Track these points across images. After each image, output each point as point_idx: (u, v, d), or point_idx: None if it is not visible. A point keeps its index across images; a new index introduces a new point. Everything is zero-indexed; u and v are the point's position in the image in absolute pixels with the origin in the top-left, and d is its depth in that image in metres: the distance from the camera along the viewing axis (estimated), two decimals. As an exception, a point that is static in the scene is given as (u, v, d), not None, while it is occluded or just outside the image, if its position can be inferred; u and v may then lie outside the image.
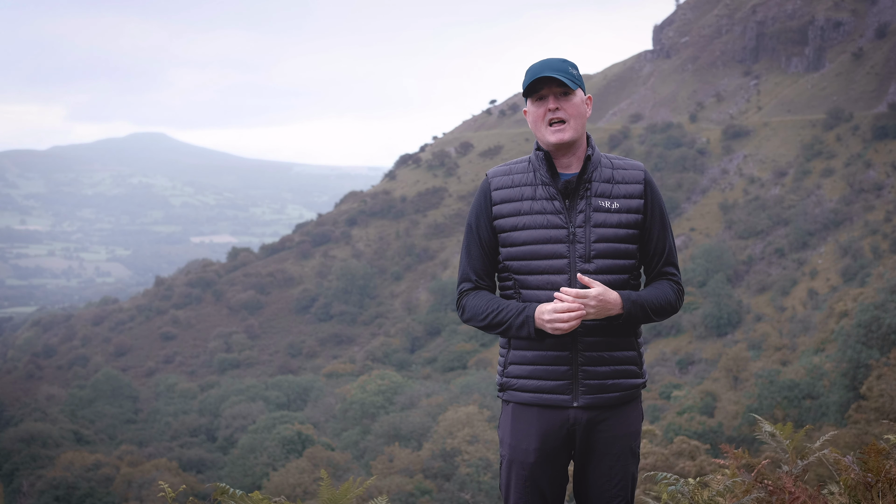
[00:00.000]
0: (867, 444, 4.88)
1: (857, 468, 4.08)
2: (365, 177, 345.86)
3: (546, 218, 3.31)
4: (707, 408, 36.26)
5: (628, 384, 3.37)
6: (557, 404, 3.32)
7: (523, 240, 3.33)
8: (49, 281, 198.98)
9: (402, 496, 29.76)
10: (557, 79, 3.27)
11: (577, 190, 3.32)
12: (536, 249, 3.31)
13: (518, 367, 3.39)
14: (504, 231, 3.37)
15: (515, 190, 3.37)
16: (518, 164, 3.44)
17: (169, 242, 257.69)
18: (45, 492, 37.76)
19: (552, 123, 3.31)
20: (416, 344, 73.58)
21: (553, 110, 3.29)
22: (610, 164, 3.39)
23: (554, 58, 3.34)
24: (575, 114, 3.30)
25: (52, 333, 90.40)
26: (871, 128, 76.84)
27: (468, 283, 3.46)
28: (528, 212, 3.33)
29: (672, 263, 3.44)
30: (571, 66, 3.32)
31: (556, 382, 3.32)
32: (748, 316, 61.45)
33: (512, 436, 3.41)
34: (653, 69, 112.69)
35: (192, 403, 61.01)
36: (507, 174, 3.42)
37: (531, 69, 3.32)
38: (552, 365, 3.32)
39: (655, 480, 4.42)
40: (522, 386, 3.37)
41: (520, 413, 3.39)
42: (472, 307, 3.41)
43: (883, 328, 27.68)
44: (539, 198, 3.34)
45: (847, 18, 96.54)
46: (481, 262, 3.44)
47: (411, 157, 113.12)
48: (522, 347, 3.36)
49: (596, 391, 3.32)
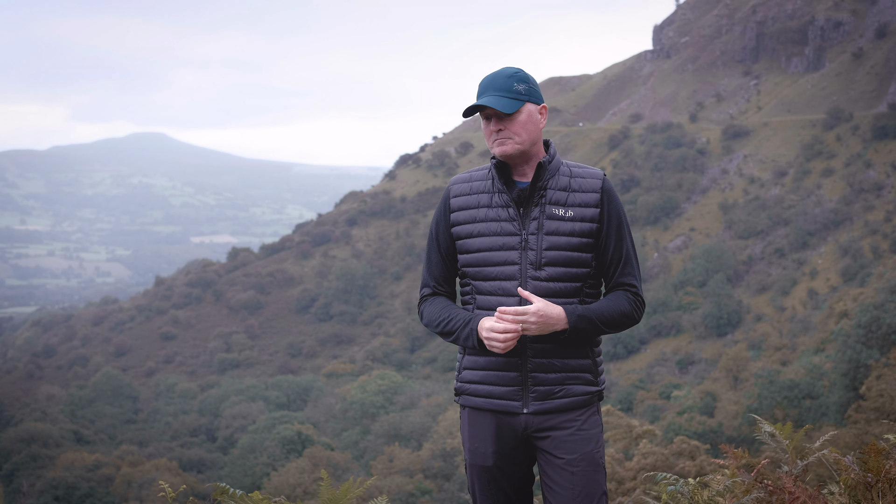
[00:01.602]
0: (867, 444, 4.88)
1: (857, 468, 4.08)
2: (365, 177, 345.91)
3: (500, 225, 3.32)
4: (707, 408, 36.27)
5: (579, 391, 3.33)
6: (509, 410, 3.32)
7: (477, 247, 3.35)
8: (49, 281, 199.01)
9: (402, 496, 29.76)
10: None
11: (530, 198, 3.33)
12: (489, 256, 3.32)
13: (471, 372, 3.40)
14: (461, 238, 3.39)
15: (473, 197, 3.39)
16: (479, 171, 3.46)
17: (169, 242, 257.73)
18: (45, 492, 37.77)
19: (496, 139, 3.32)
20: (416, 344, 73.59)
21: (497, 131, 3.30)
22: (569, 171, 3.38)
23: (500, 73, 3.32)
24: (519, 130, 3.28)
25: (52, 333, 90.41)
26: (871, 128, 76.85)
27: (427, 289, 3.51)
28: (483, 219, 3.35)
29: (629, 273, 3.39)
30: (518, 81, 3.29)
31: (506, 388, 3.32)
32: (748, 316, 61.47)
33: (470, 440, 3.42)
34: (653, 69, 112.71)
35: (192, 403, 61.02)
36: (466, 181, 3.44)
37: (480, 86, 3.32)
38: (502, 371, 3.32)
39: (655, 480, 4.41)
40: (475, 391, 3.38)
41: (475, 418, 3.41)
42: (428, 314, 3.45)
43: (883, 328, 27.68)
44: (495, 205, 3.35)
45: (847, 18, 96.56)
46: (440, 269, 3.48)
47: (411, 157, 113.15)
48: (475, 353, 3.38)
49: (545, 397, 3.31)
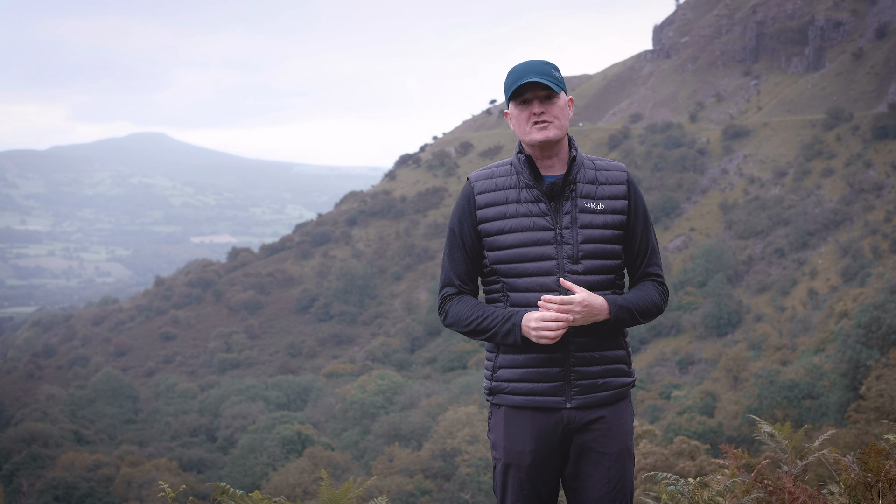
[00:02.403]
0: (867, 444, 4.88)
1: (857, 468, 4.08)
2: (365, 177, 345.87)
3: (532, 220, 3.31)
4: (707, 408, 36.27)
5: (619, 382, 3.38)
6: (551, 406, 3.32)
7: (510, 243, 3.32)
8: (49, 281, 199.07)
9: (402, 496, 29.76)
10: (541, 83, 3.27)
11: (562, 191, 3.32)
12: (524, 252, 3.31)
13: (509, 370, 3.37)
14: (490, 235, 3.36)
15: (500, 193, 3.36)
16: (500, 167, 3.43)
17: (169, 242, 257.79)
18: (45, 492, 37.76)
19: (536, 123, 3.30)
20: (416, 344, 73.60)
21: (538, 114, 3.29)
22: (593, 165, 3.39)
23: (536, 60, 3.33)
24: (559, 115, 3.30)
25: (52, 333, 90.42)
26: (871, 128, 76.85)
27: (451, 287, 3.44)
28: (514, 214, 3.33)
29: (655, 264, 3.44)
30: (554, 69, 3.31)
31: (548, 384, 3.32)
32: (748, 316, 61.46)
33: (506, 439, 3.39)
34: (653, 69, 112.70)
35: (192, 403, 61.02)
36: (489, 178, 3.41)
37: (514, 72, 3.31)
38: (544, 367, 3.32)
39: (655, 480, 4.41)
40: (514, 389, 3.36)
41: (513, 416, 3.38)
42: (456, 312, 3.39)
43: (883, 328, 27.67)
44: (524, 200, 3.33)
45: (847, 18, 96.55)
46: (464, 267, 3.43)
47: (411, 157, 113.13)
48: (512, 351, 3.35)
49: (588, 391, 3.32)
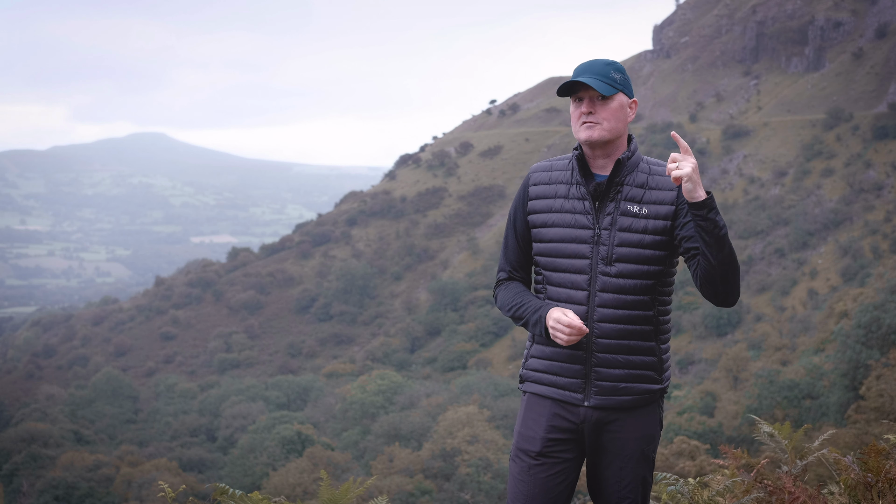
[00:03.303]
0: (867, 444, 4.88)
1: (857, 468, 4.08)
2: (365, 177, 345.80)
3: (574, 217, 3.35)
4: (707, 408, 36.26)
5: (642, 389, 3.35)
6: (570, 401, 3.36)
7: (551, 237, 3.38)
8: (49, 281, 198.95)
9: (402, 496, 29.75)
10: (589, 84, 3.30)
11: (607, 192, 3.35)
12: (561, 248, 3.36)
13: (537, 360, 3.44)
14: (536, 226, 3.43)
15: (551, 187, 3.43)
16: (560, 160, 3.49)
17: (169, 242, 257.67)
18: (44, 492, 37.72)
19: (584, 122, 3.35)
20: (416, 344, 73.59)
21: (586, 113, 3.33)
22: (648, 169, 3.41)
23: (599, 60, 3.37)
24: (609, 117, 3.33)
25: (52, 333, 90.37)
26: (871, 128, 76.82)
27: (503, 273, 3.57)
28: (559, 210, 3.38)
29: None
30: (615, 70, 3.34)
31: (569, 380, 3.36)
32: (748, 316, 61.43)
33: (522, 424, 3.46)
34: (653, 69, 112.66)
35: (192, 403, 60.99)
36: (547, 170, 3.48)
37: (575, 70, 3.37)
38: (567, 363, 3.36)
39: (655, 480, 4.42)
40: (539, 379, 3.43)
41: (533, 403, 3.45)
42: (502, 298, 3.51)
43: (882, 328, 27.67)
44: (571, 197, 3.38)
45: (847, 18, 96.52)
46: (515, 254, 3.53)
47: (411, 157, 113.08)
48: (543, 342, 3.42)
49: (608, 393, 3.33)
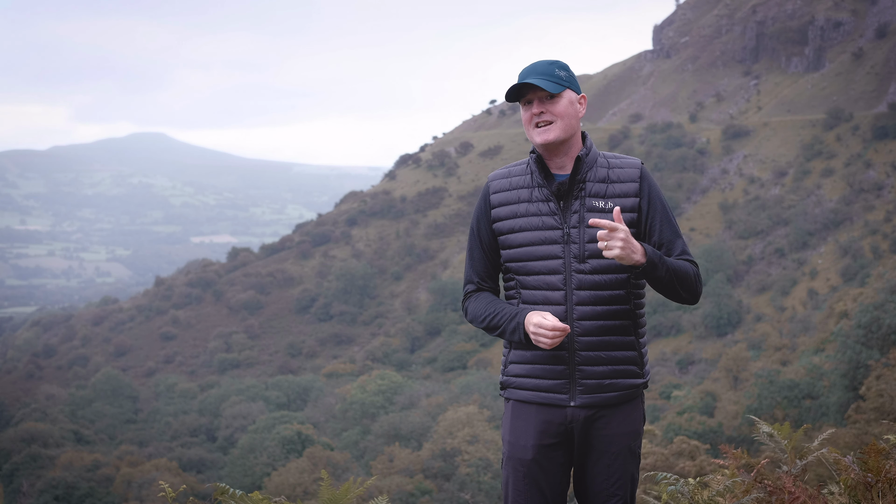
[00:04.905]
0: (867, 444, 4.88)
1: (857, 468, 4.08)
2: (365, 177, 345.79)
3: (541, 219, 3.35)
4: (707, 408, 36.26)
5: (626, 384, 3.37)
6: (555, 403, 3.35)
7: (520, 241, 3.37)
8: (49, 281, 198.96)
9: (402, 496, 29.74)
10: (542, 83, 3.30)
11: (570, 191, 3.35)
12: (532, 251, 3.35)
13: (518, 366, 3.43)
14: (502, 233, 3.42)
15: (513, 192, 3.42)
16: (517, 166, 3.48)
17: (169, 242, 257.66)
18: (45, 492, 37.72)
19: (538, 125, 3.34)
20: (416, 344, 73.59)
21: (538, 114, 3.33)
22: (606, 163, 3.40)
23: (542, 61, 3.36)
24: (562, 114, 3.32)
25: (52, 333, 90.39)
26: (871, 128, 76.85)
27: (471, 285, 3.54)
28: (525, 213, 3.37)
29: (683, 251, 3.40)
30: (559, 68, 3.34)
31: (553, 381, 3.35)
32: (748, 316, 61.45)
33: (511, 433, 3.44)
34: (653, 69, 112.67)
35: (192, 403, 60.99)
36: (505, 177, 3.47)
37: (520, 74, 3.36)
38: (549, 364, 3.35)
39: (655, 480, 4.41)
40: (521, 384, 3.41)
41: (519, 410, 3.43)
42: (473, 310, 3.49)
43: (882, 328, 27.66)
44: (535, 199, 3.37)
45: (847, 18, 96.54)
46: (483, 265, 3.51)
47: (411, 157, 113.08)
48: (522, 347, 3.40)
49: (593, 391, 3.33)
